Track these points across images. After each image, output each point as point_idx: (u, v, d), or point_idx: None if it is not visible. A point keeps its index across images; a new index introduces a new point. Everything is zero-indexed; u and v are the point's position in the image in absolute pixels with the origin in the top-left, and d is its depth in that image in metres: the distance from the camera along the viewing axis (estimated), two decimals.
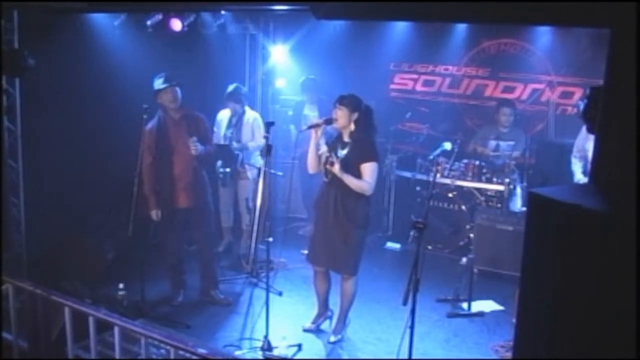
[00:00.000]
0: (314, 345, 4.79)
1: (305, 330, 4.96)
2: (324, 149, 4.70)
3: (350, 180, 4.46)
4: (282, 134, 7.19)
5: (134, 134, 4.95)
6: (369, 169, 4.48)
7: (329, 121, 4.61)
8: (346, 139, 4.58)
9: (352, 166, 4.49)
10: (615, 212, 1.98)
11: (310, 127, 4.64)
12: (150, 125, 5.08)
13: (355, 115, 4.50)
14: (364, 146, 4.52)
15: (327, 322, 5.03)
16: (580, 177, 5.75)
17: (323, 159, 4.64)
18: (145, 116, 4.91)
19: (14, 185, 5.52)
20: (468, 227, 6.50)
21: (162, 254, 5.46)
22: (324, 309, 5.03)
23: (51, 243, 5.69)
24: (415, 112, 7.38)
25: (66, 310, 3.88)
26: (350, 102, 4.50)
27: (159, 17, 5.97)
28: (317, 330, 4.97)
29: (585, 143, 5.82)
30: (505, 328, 5.00)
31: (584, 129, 5.94)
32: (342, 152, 4.56)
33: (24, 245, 5.56)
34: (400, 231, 7.03)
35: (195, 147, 5.06)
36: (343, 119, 4.51)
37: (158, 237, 5.54)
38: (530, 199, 2.30)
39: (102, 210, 6.03)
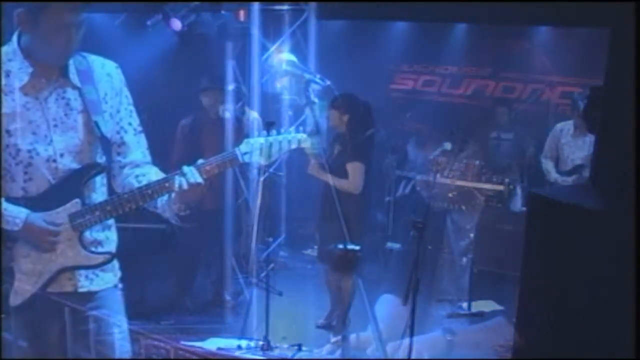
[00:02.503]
0: (314, 346, 4.79)
1: (319, 327, 4.96)
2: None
3: (332, 180, 4.50)
4: None
5: None
6: (350, 169, 4.56)
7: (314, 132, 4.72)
8: (341, 138, 4.67)
9: (341, 166, 4.57)
10: (614, 211, 1.98)
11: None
12: (185, 121, 5.22)
13: (346, 117, 4.58)
14: (351, 146, 4.60)
15: None
16: (556, 177, 5.74)
17: None
18: (144, 116, 4.91)
19: None
20: (468, 227, 6.50)
21: (182, 251, 5.46)
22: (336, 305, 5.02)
23: None
24: (415, 112, 7.38)
25: (66, 310, 3.87)
26: (342, 104, 4.61)
27: (159, 17, 5.97)
28: (327, 327, 4.96)
29: (559, 143, 5.81)
30: (505, 328, 5.00)
31: (556, 128, 5.94)
32: (336, 152, 4.70)
33: None
34: (400, 231, 7.03)
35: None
36: (334, 120, 4.65)
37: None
38: (530, 199, 2.30)
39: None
